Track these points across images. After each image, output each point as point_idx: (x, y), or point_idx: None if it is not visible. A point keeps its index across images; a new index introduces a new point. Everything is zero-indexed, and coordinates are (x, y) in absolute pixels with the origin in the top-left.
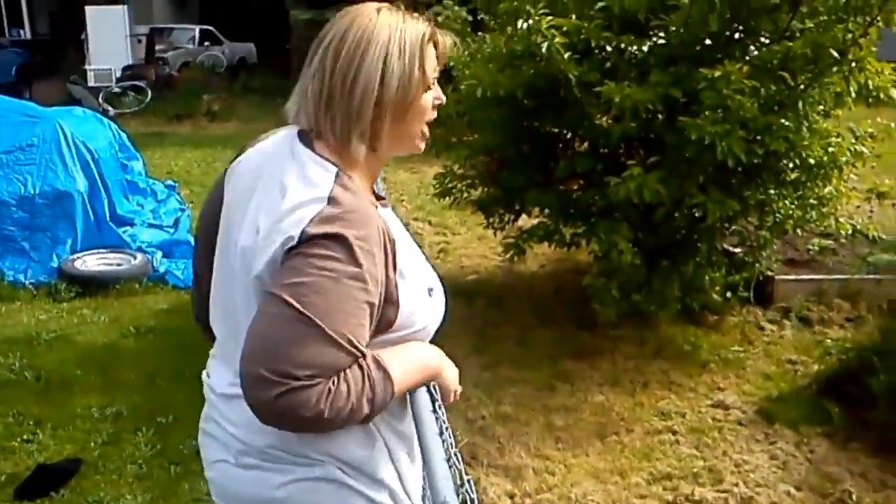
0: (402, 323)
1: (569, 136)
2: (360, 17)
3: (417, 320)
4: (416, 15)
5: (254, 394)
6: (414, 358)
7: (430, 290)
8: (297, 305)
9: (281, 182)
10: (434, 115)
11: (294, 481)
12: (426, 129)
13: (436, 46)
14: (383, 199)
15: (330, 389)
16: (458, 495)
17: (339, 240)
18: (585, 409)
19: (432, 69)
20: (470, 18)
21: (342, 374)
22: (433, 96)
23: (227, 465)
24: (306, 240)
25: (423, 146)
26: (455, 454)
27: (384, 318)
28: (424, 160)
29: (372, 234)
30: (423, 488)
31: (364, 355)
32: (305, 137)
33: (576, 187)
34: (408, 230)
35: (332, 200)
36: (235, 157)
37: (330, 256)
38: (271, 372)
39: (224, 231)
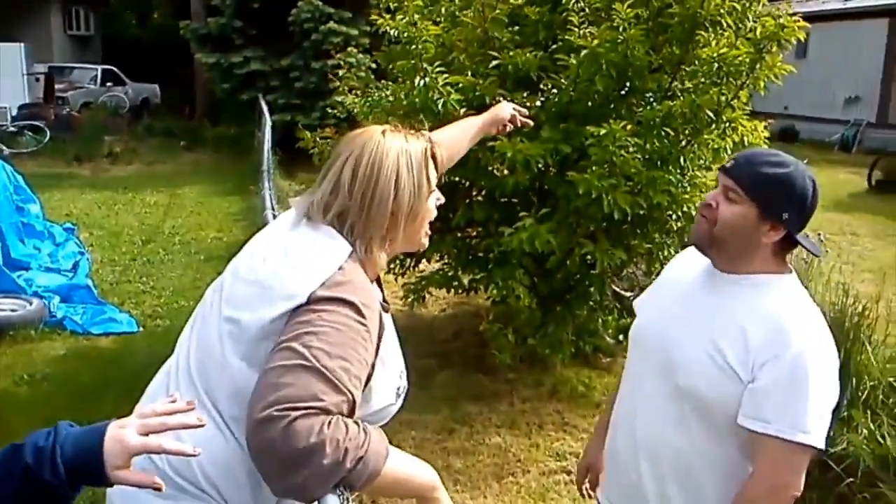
0: (366, 404)
1: (467, 185)
2: (370, 140)
3: (377, 409)
4: (413, 132)
5: (263, 436)
6: (414, 462)
7: (398, 390)
8: (304, 351)
9: (299, 244)
10: (435, 213)
11: None
12: (428, 228)
13: (434, 158)
14: (386, 304)
15: (331, 421)
16: None
17: (346, 303)
18: (483, 451)
19: (434, 178)
20: (374, 66)
21: (344, 419)
22: (435, 198)
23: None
24: (315, 300)
25: (426, 244)
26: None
27: None
28: None
29: (374, 306)
30: None
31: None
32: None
33: (474, 234)
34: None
35: (342, 269)
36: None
37: (337, 312)
38: (279, 410)
39: (220, 287)
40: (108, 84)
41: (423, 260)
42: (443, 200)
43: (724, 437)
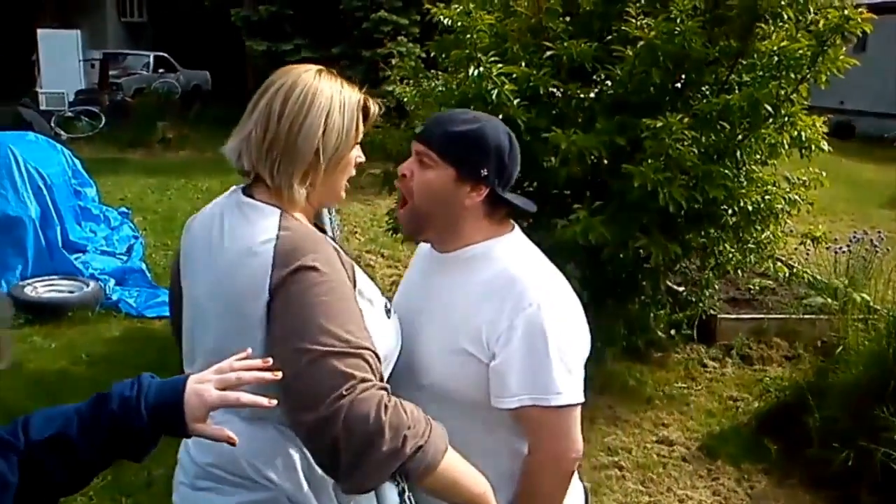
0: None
1: (518, 176)
2: (305, 75)
3: (378, 342)
4: (350, 83)
5: (324, 440)
6: (470, 469)
7: (388, 310)
8: (310, 346)
9: (232, 232)
10: (354, 172)
11: None
12: (347, 184)
13: (366, 111)
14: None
15: (385, 405)
16: None
17: (305, 269)
18: None
19: (362, 131)
20: (424, 55)
21: (403, 403)
22: (355, 155)
23: (185, 487)
24: (278, 285)
25: (343, 197)
26: (409, 497)
27: None
28: (378, 194)
29: (327, 252)
30: None
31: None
32: (247, 189)
33: (525, 226)
34: (359, 262)
35: (279, 237)
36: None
37: (306, 285)
38: (326, 408)
39: (184, 282)
40: (161, 70)
41: None
42: (363, 159)
43: (491, 427)
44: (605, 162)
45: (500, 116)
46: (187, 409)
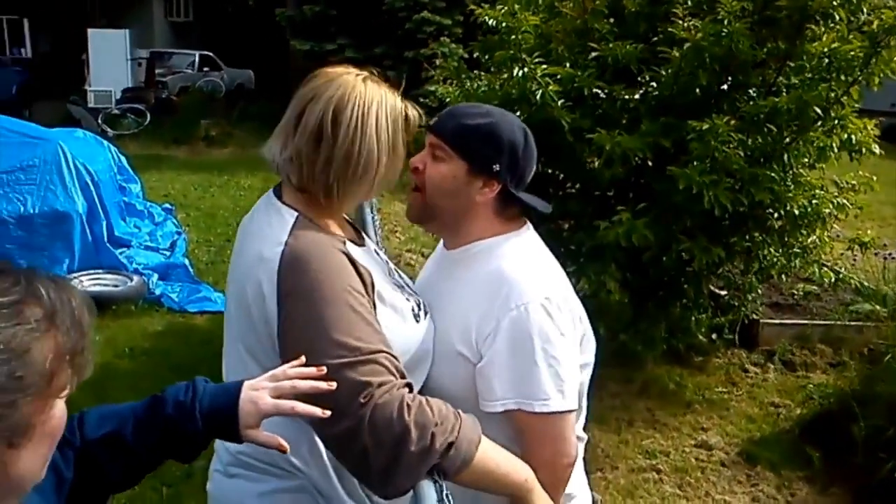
0: None
1: (560, 177)
2: (354, 88)
3: (399, 346)
4: (388, 85)
5: (353, 449)
6: (509, 456)
7: (420, 312)
8: (324, 362)
9: (253, 235)
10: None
11: (272, 492)
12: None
13: (407, 119)
14: (361, 237)
15: (408, 405)
16: None
17: (308, 281)
18: None
19: (406, 138)
20: (466, 56)
21: (428, 401)
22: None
23: (219, 475)
24: (283, 297)
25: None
26: (446, 496)
27: None
28: None
29: (334, 261)
30: None
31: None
32: (278, 188)
33: (566, 227)
34: (399, 261)
35: (288, 243)
36: None
37: (312, 300)
38: (350, 419)
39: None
40: (205, 69)
41: None
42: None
43: (485, 429)
44: (650, 164)
45: (544, 117)
46: (241, 416)
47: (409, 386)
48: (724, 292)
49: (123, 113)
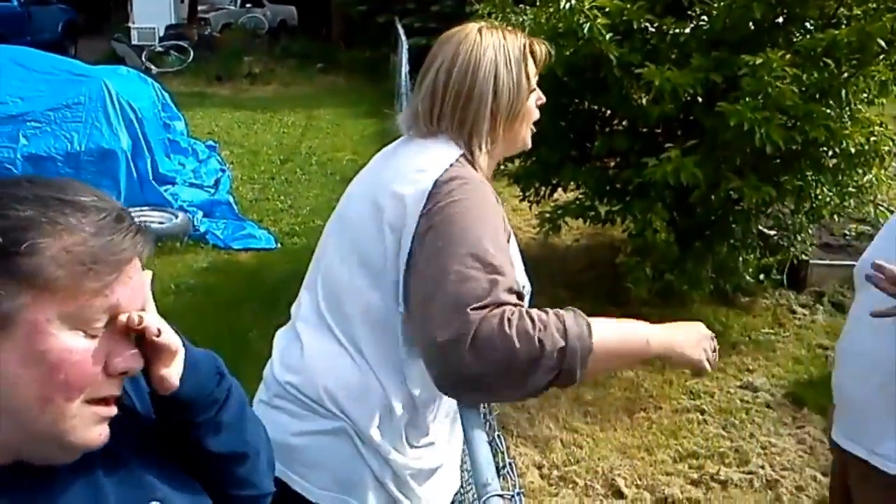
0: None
1: (607, 114)
2: (466, 40)
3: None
4: (510, 29)
5: (452, 356)
6: (621, 326)
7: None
8: (457, 267)
9: (404, 151)
10: (538, 114)
11: (310, 433)
12: (532, 128)
13: (533, 55)
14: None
15: (508, 318)
16: (499, 477)
17: (466, 193)
18: (615, 385)
19: (533, 75)
20: None
21: (528, 311)
22: (535, 98)
23: (263, 404)
24: (439, 200)
25: (529, 143)
26: (497, 436)
27: None
28: None
29: (490, 190)
30: (464, 469)
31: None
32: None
33: (612, 165)
34: None
35: (453, 167)
36: None
37: (466, 208)
38: (456, 331)
39: (340, 213)
40: (248, 6)
41: (559, 189)
42: (544, 100)
43: None
44: (699, 100)
45: (592, 52)
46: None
47: (519, 306)
48: (772, 232)
49: (167, 50)
